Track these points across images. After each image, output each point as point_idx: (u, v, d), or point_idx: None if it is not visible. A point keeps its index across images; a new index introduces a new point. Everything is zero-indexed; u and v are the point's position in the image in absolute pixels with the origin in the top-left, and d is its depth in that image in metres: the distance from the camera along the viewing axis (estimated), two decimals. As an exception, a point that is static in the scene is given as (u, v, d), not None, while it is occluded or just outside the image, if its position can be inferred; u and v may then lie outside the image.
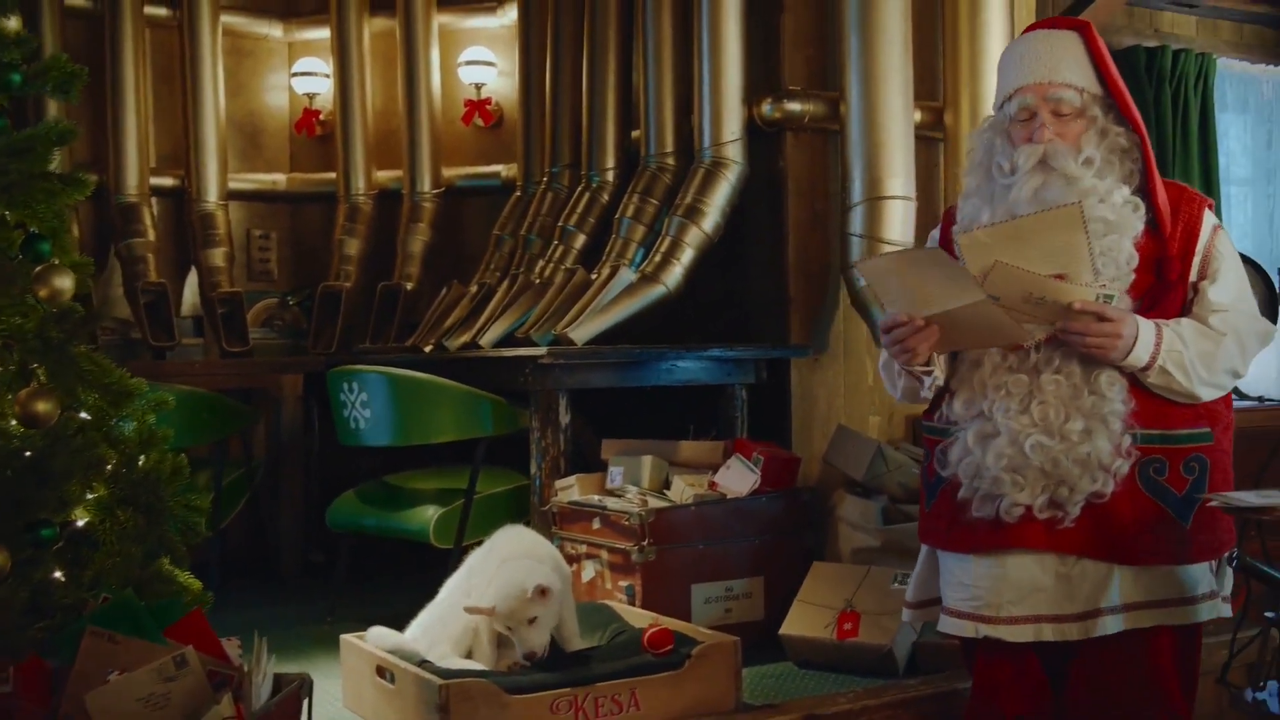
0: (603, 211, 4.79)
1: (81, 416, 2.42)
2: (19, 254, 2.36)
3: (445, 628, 3.06)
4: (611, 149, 4.86)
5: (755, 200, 4.52)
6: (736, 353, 4.24)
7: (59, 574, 2.39)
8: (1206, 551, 2.43)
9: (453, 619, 3.05)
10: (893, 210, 4.11)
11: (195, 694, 2.17)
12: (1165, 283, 2.43)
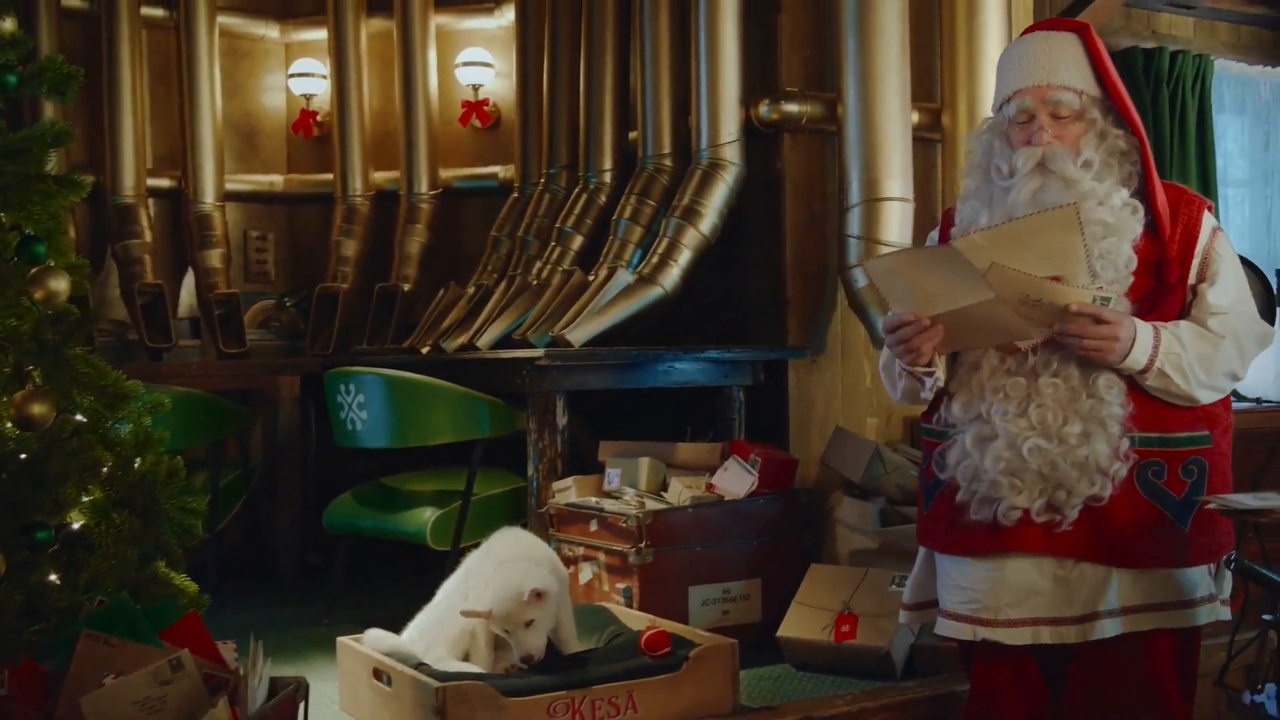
0: (600, 213, 4.79)
1: (77, 419, 2.42)
2: (14, 256, 2.36)
3: (442, 630, 3.06)
4: (609, 150, 4.85)
5: (753, 202, 4.51)
6: (734, 354, 4.23)
7: (54, 577, 2.38)
8: (1205, 554, 2.43)
9: (450, 621, 3.04)
10: (890, 212, 4.12)
11: (191, 698, 2.17)
12: (1164, 285, 2.43)
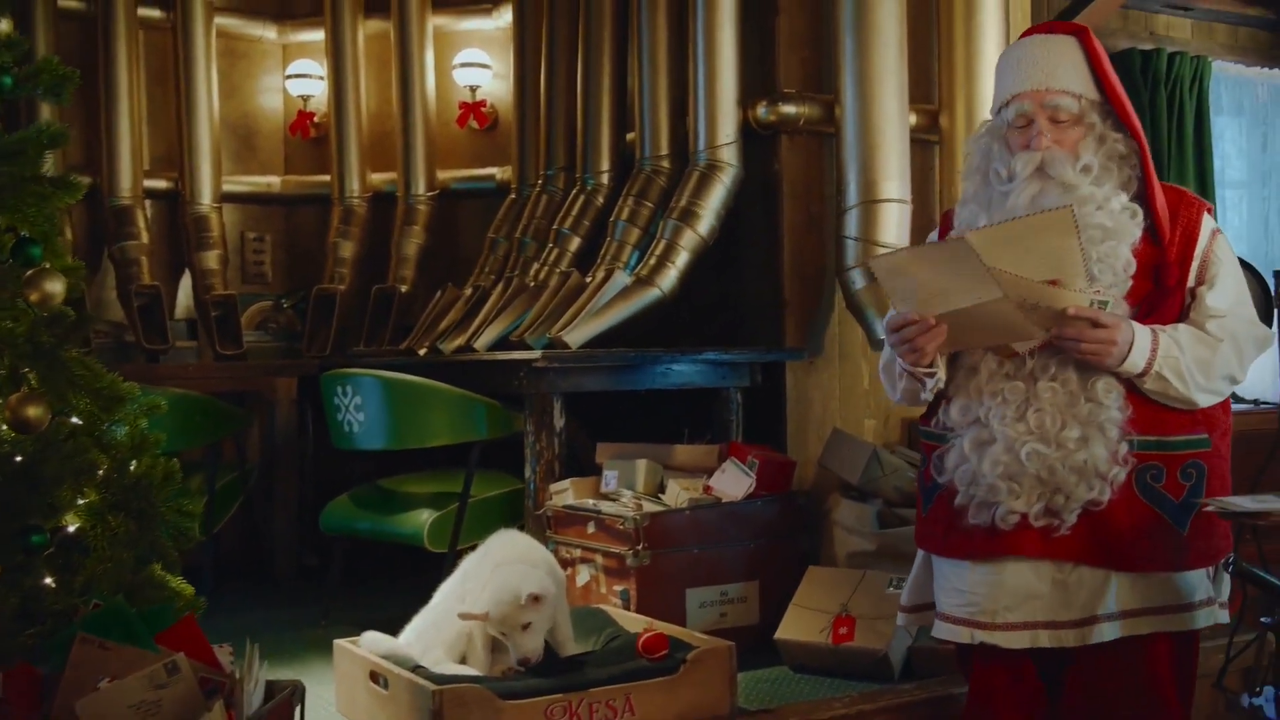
0: (597, 214, 4.79)
1: (73, 421, 2.41)
2: (10, 258, 2.35)
3: (439, 632, 3.05)
4: (606, 152, 4.85)
5: (750, 203, 4.51)
6: (731, 356, 4.23)
7: (49, 580, 2.37)
8: (1203, 558, 2.42)
9: (447, 624, 3.03)
10: (888, 213, 4.11)
11: (187, 701, 2.16)
12: (1163, 289, 2.43)
